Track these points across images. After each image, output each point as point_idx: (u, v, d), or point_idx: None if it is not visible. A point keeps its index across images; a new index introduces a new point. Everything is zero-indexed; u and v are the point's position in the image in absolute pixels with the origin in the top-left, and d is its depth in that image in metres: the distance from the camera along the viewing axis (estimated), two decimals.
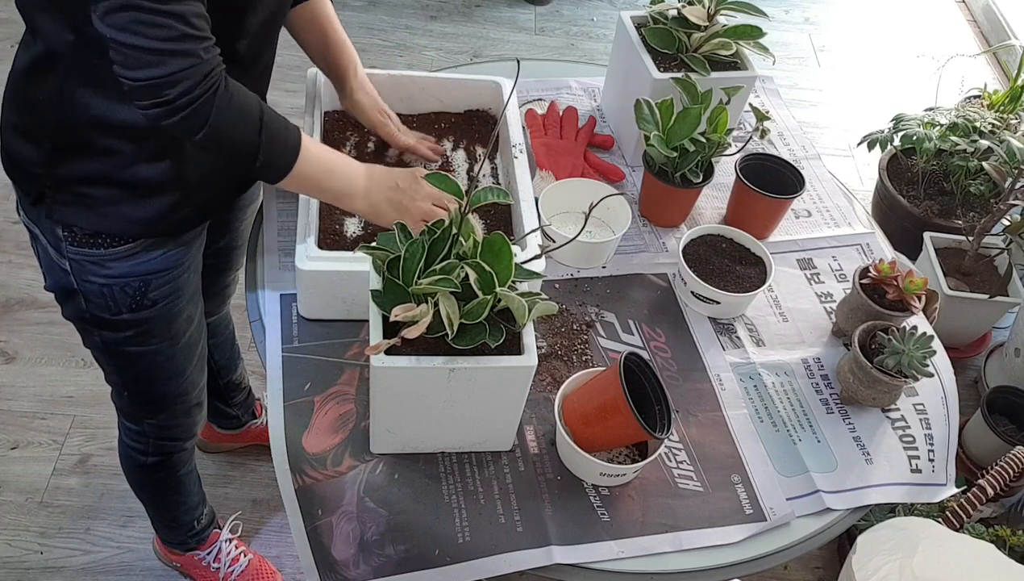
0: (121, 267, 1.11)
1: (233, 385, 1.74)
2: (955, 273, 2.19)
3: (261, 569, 1.70)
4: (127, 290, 1.13)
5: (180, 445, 1.43)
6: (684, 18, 1.44)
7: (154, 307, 1.16)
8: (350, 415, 1.12)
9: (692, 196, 1.42)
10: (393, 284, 0.96)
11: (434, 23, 3.17)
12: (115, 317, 1.16)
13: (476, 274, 0.93)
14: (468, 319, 0.93)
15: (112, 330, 1.18)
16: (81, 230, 1.07)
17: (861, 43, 3.43)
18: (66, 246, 1.09)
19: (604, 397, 1.04)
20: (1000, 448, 1.88)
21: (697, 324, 1.31)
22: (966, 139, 2.20)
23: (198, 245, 1.21)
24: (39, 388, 1.98)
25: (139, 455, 1.43)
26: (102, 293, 1.13)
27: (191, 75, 0.89)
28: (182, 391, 1.32)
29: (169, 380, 1.29)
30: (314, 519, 1.04)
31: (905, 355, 1.17)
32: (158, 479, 1.48)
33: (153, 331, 1.19)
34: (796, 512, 1.12)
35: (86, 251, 1.09)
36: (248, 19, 1.02)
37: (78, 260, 1.10)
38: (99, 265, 1.10)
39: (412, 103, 1.39)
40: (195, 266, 1.22)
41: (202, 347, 1.33)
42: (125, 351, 1.22)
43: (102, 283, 1.12)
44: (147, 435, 1.39)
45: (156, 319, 1.18)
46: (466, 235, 0.97)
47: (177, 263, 1.16)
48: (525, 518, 1.06)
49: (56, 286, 1.16)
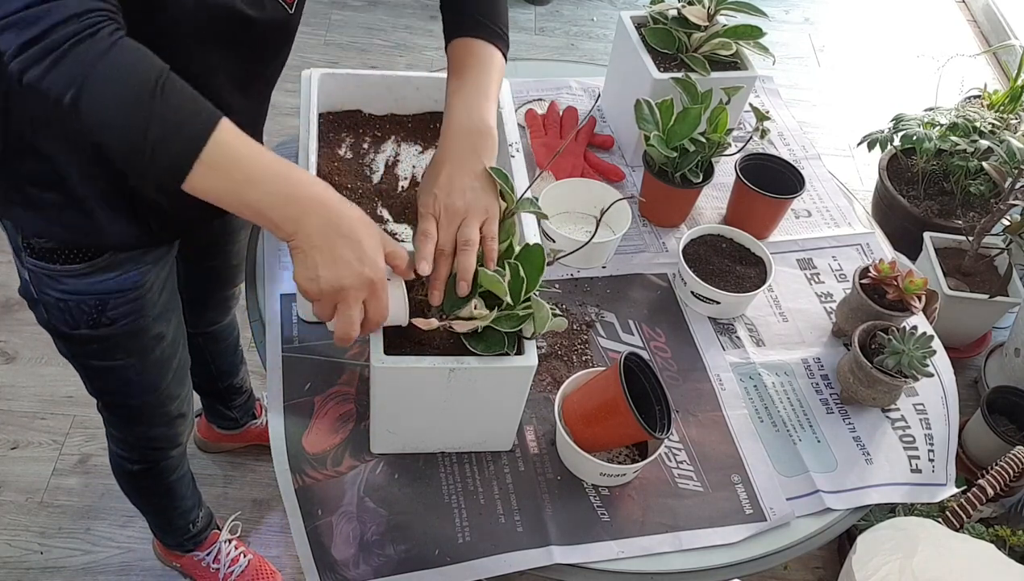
0: (76, 284, 1.06)
1: (234, 389, 1.74)
2: (955, 273, 2.19)
3: (261, 569, 1.70)
4: (83, 307, 1.08)
5: (165, 454, 1.41)
6: (684, 18, 1.44)
7: (114, 325, 1.11)
8: (350, 415, 1.12)
9: (692, 196, 1.42)
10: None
11: (434, 23, 3.17)
12: (74, 331, 1.11)
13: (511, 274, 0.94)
14: (499, 325, 0.94)
15: (74, 343, 1.14)
16: (39, 243, 1.03)
17: (861, 43, 3.43)
18: (25, 256, 1.05)
19: (604, 397, 1.04)
20: (1000, 448, 1.88)
21: (697, 324, 1.31)
22: (966, 139, 2.20)
23: (165, 266, 1.15)
24: (39, 388, 1.98)
25: (126, 462, 1.42)
26: (59, 306, 1.08)
27: (59, 9, 0.72)
28: (158, 404, 1.28)
29: (143, 393, 1.25)
30: (314, 519, 1.04)
31: (905, 355, 1.17)
32: (147, 485, 1.47)
33: (117, 347, 1.14)
34: (796, 512, 1.12)
35: (42, 265, 1.05)
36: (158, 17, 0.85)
37: (35, 271, 1.06)
38: (55, 279, 1.06)
39: (407, 103, 1.39)
40: (164, 285, 1.17)
41: (180, 361, 1.27)
42: (92, 364, 1.19)
43: (57, 297, 1.07)
44: (130, 444, 1.38)
45: (118, 336, 1.13)
46: (505, 237, 0.97)
47: (137, 285, 1.09)
48: (525, 518, 1.06)
49: (23, 291, 1.12)
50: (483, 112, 1.02)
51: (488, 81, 1.05)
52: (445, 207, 0.96)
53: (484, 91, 1.04)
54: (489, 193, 0.99)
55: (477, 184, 0.98)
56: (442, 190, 0.97)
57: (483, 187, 0.98)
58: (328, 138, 1.35)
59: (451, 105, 1.03)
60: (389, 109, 1.34)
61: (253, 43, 0.98)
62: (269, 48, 1.02)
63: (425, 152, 1.31)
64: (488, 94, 1.04)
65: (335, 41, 3.01)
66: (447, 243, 0.95)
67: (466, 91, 1.03)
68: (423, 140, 1.37)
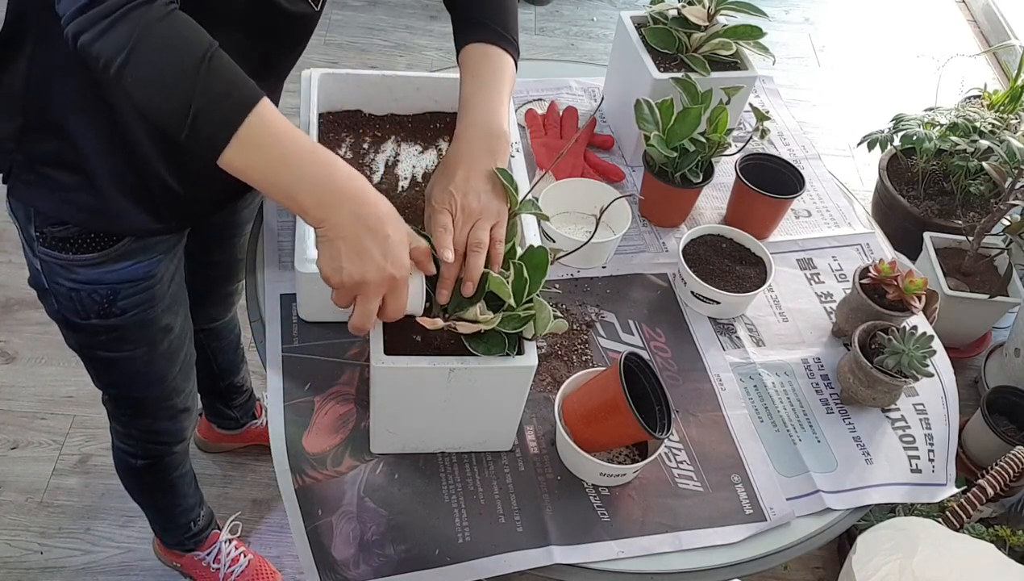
0: (88, 274, 1.07)
1: (235, 388, 1.74)
2: (955, 273, 2.19)
3: (261, 569, 1.70)
4: (95, 297, 1.10)
5: (169, 449, 1.42)
6: (684, 18, 1.44)
7: (124, 315, 1.12)
8: (350, 415, 1.12)
9: (692, 196, 1.42)
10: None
11: (434, 23, 3.17)
12: (84, 322, 1.13)
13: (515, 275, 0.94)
14: (503, 327, 0.94)
15: (84, 334, 1.16)
16: (51, 231, 1.04)
17: (861, 43, 3.43)
18: (37, 246, 1.06)
19: (604, 397, 1.04)
20: (1000, 448, 1.88)
21: (697, 324, 1.31)
22: (966, 139, 2.20)
23: (175, 257, 1.17)
24: (39, 388, 1.98)
25: (129, 457, 1.42)
26: (70, 297, 1.10)
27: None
28: (164, 397, 1.29)
29: (148, 386, 1.26)
30: (314, 519, 1.04)
31: (905, 355, 1.17)
32: (150, 481, 1.47)
33: (125, 338, 1.16)
34: (796, 512, 1.12)
35: (55, 254, 1.06)
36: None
37: (47, 261, 1.07)
38: (67, 269, 1.07)
39: (407, 103, 1.39)
40: (173, 277, 1.18)
41: (186, 354, 1.29)
42: (99, 355, 1.20)
43: (70, 287, 1.09)
44: (135, 438, 1.39)
45: (127, 327, 1.14)
46: (508, 238, 0.97)
47: (147, 274, 1.11)
48: (525, 518, 1.06)
49: (33, 282, 1.14)
50: (500, 116, 1.04)
51: (503, 87, 1.06)
52: (462, 207, 0.96)
53: (500, 96, 1.05)
54: (500, 197, 1.00)
55: (490, 187, 0.99)
56: (458, 189, 0.97)
57: (495, 190, 0.99)
58: (328, 138, 1.35)
59: (470, 106, 1.04)
60: (389, 109, 1.34)
61: (277, 32, 1.00)
62: (288, 40, 1.05)
63: (425, 152, 1.31)
64: (503, 100, 1.06)
65: (335, 41, 3.01)
66: (459, 243, 0.95)
67: (485, 94, 1.04)
68: (423, 140, 1.37)
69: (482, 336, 0.95)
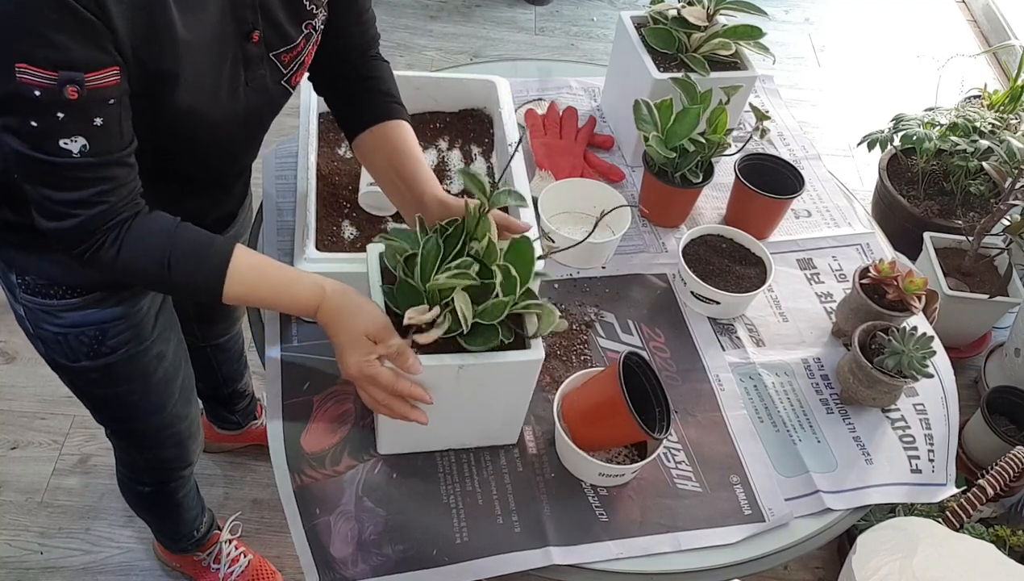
0: (74, 317, 1.06)
1: (238, 393, 1.74)
2: (955, 273, 2.18)
3: (261, 569, 1.69)
4: (83, 339, 1.09)
5: (177, 474, 1.41)
6: (684, 18, 1.44)
7: (115, 353, 1.11)
8: (349, 414, 1.12)
9: (692, 196, 1.42)
10: (406, 284, 0.96)
11: (434, 23, 3.17)
12: (74, 364, 1.12)
13: (502, 276, 0.93)
14: (484, 319, 0.94)
15: (76, 375, 1.15)
16: (34, 278, 1.03)
17: (861, 43, 3.43)
18: (19, 292, 1.05)
19: (603, 397, 1.04)
20: (1000, 448, 1.87)
21: (697, 324, 1.31)
22: (966, 139, 2.20)
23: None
24: (39, 388, 1.98)
25: (136, 484, 1.42)
26: (58, 341, 1.09)
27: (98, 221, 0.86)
28: (166, 425, 1.28)
29: (148, 417, 1.25)
30: (312, 518, 1.04)
31: (905, 355, 1.17)
32: (156, 502, 1.48)
33: (119, 375, 1.15)
34: (796, 512, 1.12)
35: (38, 300, 1.05)
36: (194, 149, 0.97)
37: (31, 308, 1.07)
38: (52, 314, 1.06)
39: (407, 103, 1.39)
40: (161, 305, 1.17)
41: (183, 378, 1.27)
42: (96, 393, 1.19)
43: (56, 332, 1.08)
44: (141, 468, 1.38)
45: (119, 363, 1.13)
46: (481, 235, 0.96)
47: (134, 308, 1.10)
48: (523, 518, 1.06)
49: (20, 326, 1.12)
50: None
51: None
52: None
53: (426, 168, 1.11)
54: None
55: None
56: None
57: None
58: (328, 138, 1.35)
59: (427, 181, 1.08)
60: None
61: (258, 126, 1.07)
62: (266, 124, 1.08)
63: (424, 152, 1.32)
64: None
65: None
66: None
67: (428, 171, 1.10)
68: (423, 139, 1.37)
69: (475, 330, 0.95)
